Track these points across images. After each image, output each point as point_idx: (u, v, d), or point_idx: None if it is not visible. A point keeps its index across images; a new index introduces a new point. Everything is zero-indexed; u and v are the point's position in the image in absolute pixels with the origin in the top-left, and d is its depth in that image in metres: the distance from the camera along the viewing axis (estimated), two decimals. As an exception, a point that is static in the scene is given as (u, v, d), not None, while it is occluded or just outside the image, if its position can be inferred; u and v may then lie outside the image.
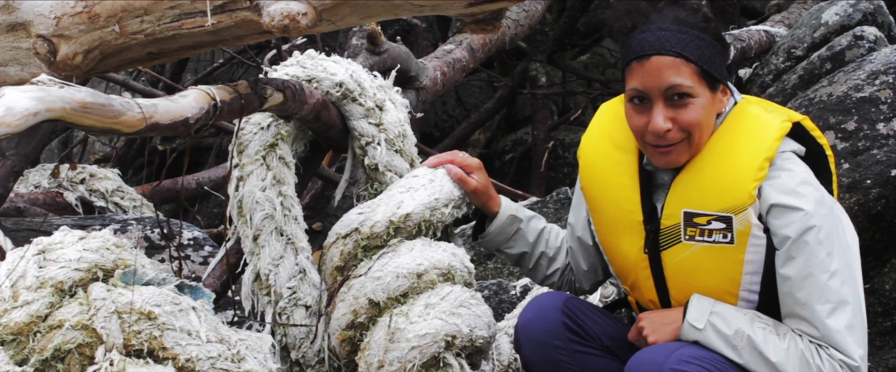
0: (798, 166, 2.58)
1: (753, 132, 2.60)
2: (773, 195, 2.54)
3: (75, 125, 2.29)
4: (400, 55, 4.50)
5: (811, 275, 2.53)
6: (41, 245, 2.61)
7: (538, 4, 6.14)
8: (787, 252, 2.55)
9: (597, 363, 2.84)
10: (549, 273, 3.06)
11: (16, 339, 2.49)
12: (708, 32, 2.59)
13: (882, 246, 3.57)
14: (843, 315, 2.53)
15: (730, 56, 2.64)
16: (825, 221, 2.53)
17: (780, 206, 2.54)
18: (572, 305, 2.85)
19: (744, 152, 2.58)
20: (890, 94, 3.66)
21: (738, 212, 2.56)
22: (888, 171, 3.51)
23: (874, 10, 4.41)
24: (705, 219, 2.60)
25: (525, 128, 7.71)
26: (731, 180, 2.58)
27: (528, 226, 3.04)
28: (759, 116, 2.63)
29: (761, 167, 2.55)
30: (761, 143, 2.57)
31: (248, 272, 3.09)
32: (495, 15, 2.68)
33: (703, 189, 2.62)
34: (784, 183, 2.55)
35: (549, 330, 2.81)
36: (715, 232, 2.60)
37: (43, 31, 2.81)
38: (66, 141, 7.60)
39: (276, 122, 3.14)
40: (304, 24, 2.55)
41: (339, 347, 2.98)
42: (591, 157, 2.84)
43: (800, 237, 2.52)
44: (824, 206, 2.55)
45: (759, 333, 2.56)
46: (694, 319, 2.60)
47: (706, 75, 2.58)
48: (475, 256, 4.73)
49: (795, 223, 2.52)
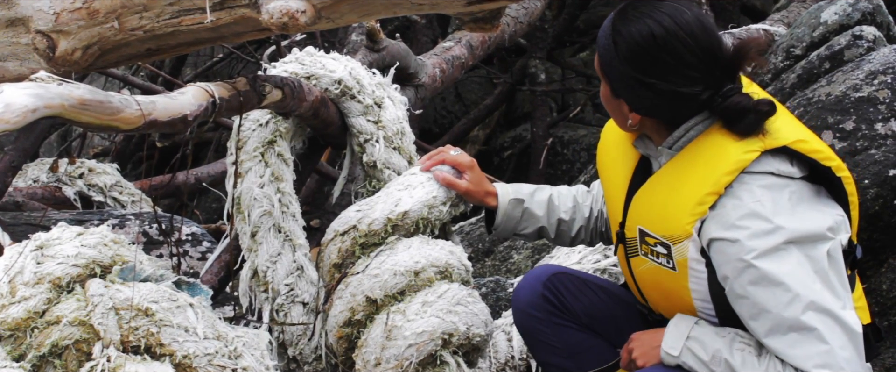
0: (753, 194, 2.43)
1: (708, 163, 2.47)
2: (712, 229, 2.43)
3: (74, 122, 2.30)
4: (399, 52, 4.50)
5: (764, 310, 2.41)
6: (39, 241, 2.61)
7: (538, 2, 6.14)
8: (732, 291, 2.45)
9: (574, 337, 2.90)
10: (574, 235, 3.05)
11: (13, 334, 2.49)
12: (618, 50, 2.50)
13: (879, 246, 3.57)
14: (808, 344, 2.39)
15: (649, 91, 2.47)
16: (767, 251, 2.39)
17: (718, 240, 2.43)
18: (557, 280, 2.92)
19: (691, 183, 2.48)
20: (888, 94, 3.66)
21: (676, 243, 2.50)
22: (886, 171, 3.51)
23: (873, 9, 4.41)
24: (653, 240, 2.56)
25: (524, 124, 7.71)
26: (673, 209, 2.50)
27: (534, 201, 3.02)
28: (721, 145, 2.48)
29: (702, 201, 2.44)
30: (710, 177, 2.45)
31: (246, 269, 3.09)
32: (494, 14, 2.68)
33: (651, 211, 2.58)
34: (726, 216, 2.42)
35: (530, 301, 2.92)
36: (660, 255, 2.55)
37: (42, 27, 2.81)
38: (65, 135, 7.60)
39: (274, 119, 3.14)
40: (302, 21, 2.55)
41: (337, 345, 2.99)
42: (606, 139, 2.85)
43: (741, 274, 2.41)
44: (770, 236, 2.39)
45: (737, 357, 2.47)
46: (669, 347, 2.55)
47: (603, 73, 2.57)
48: (473, 254, 4.74)
49: (732, 260, 2.41)
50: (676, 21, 2.45)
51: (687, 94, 2.46)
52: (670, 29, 2.44)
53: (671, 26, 2.43)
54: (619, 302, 2.95)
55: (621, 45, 2.48)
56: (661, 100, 2.49)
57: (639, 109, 2.55)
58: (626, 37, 2.47)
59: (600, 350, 2.92)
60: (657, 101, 2.50)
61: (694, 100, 2.48)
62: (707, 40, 2.46)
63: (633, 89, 2.51)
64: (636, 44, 2.46)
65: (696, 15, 2.48)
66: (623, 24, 2.49)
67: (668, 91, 2.46)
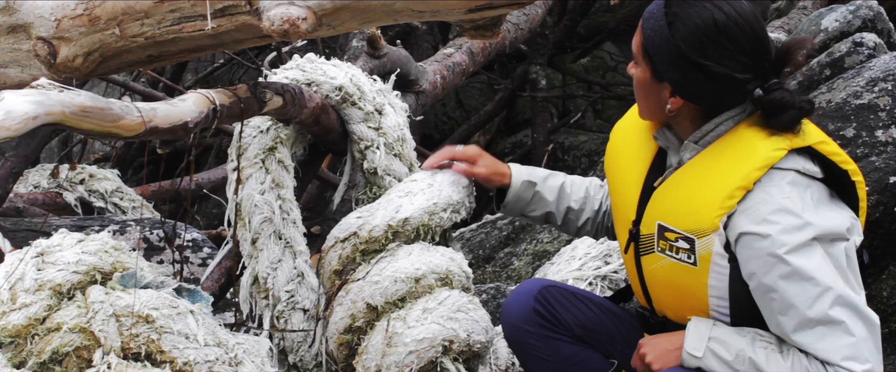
0: (782, 190, 2.48)
1: (737, 158, 2.52)
2: (742, 224, 2.48)
3: (74, 129, 2.30)
4: (400, 59, 4.50)
5: (792, 305, 2.45)
6: (40, 247, 2.61)
7: (538, 8, 6.14)
8: (760, 286, 2.48)
9: (567, 349, 2.90)
10: (581, 225, 3.06)
11: (14, 341, 2.49)
12: (675, 35, 2.55)
13: (880, 253, 3.57)
14: (835, 337, 2.44)
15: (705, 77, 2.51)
16: (797, 246, 2.44)
17: (747, 234, 2.47)
18: (548, 293, 2.92)
19: (720, 177, 2.52)
20: (889, 101, 3.66)
21: (701, 236, 2.52)
22: (887, 178, 3.51)
23: (874, 16, 4.41)
24: (674, 235, 2.58)
25: (525, 130, 7.72)
26: (699, 203, 2.54)
27: (546, 185, 3.03)
28: (750, 142, 2.54)
29: (731, 196, 2.48)
30: (739, 172, 2.49)
31: (247, 275, 3.09)
32: (495, 21, 2.68)
33: (676, 205, 2.60)
34: (756, 210, 2.47)
35: (521, 315, 2.91)
36: (681, 250, 2.57)
37: (43, 33, 2.82)
38: (66, 140, 7.61)
39: (275, 126, 3.14)
40: (303, 28, 2.55)
41: (337, 351, 2.99)
42: (616, 140, 2.87)
43: (772, 269, 2.45)
44: (800, 232, 2.44)
45: (761, 354, 2.50)
46: (692, 348, 2.56)
47: (647, 56, 2.59)
48: (473, 260, 4.74)
49: (762, 254, 2.45)
50: (736, 9, 2.52)
51: (738, 80, 2.52)
52: (731, 15, 2.51)
53: (731, 13, 2.50)
54: (610, 313, 2.96)
55: (679, 26, 2.52)
56: (711, 83, 2.54)
57: (685, 93, 2.58)
58: (685, 19, 2.52)
59: (594, 362, 2.93)
60: (707, 85, 2.54)
61: (742, 87, 2.53)
62: (762, 32, 2.54)
63: (684, 71, 2.54)
64: (696, 26, 2.51)
65: (751, 7, 2.55)
66: (680, 7, 2.54)
67: (722, 74, 2.51)
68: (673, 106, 2.60)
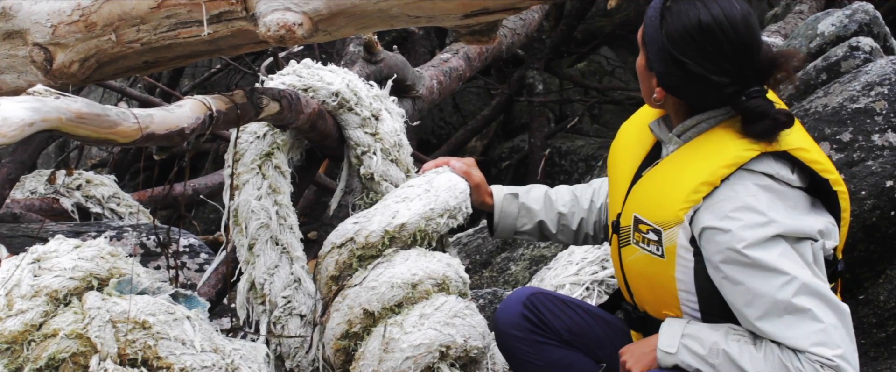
0: (748, 189, 2.51)
1: (708, 155, 2.57)
2: (705, 218, 2.51)
3: (71, 135, 2.30)
4: (396, 64, 4.49)
5: (757, 295, 2.47)
6: (36, 254, 2.61)
7: (535, 13, 6.15)
8: (724, 279, 2.51)
9: (555, 353, 2.95)
10: (577, 228, 3.09)
11: (10, 347, 2.49)
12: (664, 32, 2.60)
13: (877, 257, 3.57)
14: (803, 324, 2.45)
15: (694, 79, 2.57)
16: (757, 241, 2.46)
17: (709, 229, 2.50)
18: (536, 299, 2.97)
19: (689, 172, 2.57)
20: (885, 105, 3.66)
21: (666, 228, 2.57)
22: (883, 182, 3.51)
23: (870, 20, 4.41)
24: (646, 227, 2.62)
25: (522, 135, 7.72)
26: (668, 196, 2.58)
27: (529, 196, 3.08)
28: (723, 141, 2.58)
29: (697, 190, 2.52)
30: (707, 168, 2.53)
31: (243, 281, 3.09)
32: (491, 26, 2.69)
33: (649, 198, 2.65)
34: (720, 206, 2.50)
35: (511, 322, 2.96)
36: (651, 242, 2.61)
37: (39, 39, 2.82)
38: (63, 146, 7.60)
39: (272, 132, 3.14)
40: (299, 34, 2.56)
41: (334, 357, 2.99)
42: (621, 135, 2.91)
43: (731, 263, 2.48)
44: (763, 228, 2.47)
45: (734, 346, 2.52)
46: (666, 345, 2.60)
47: (643, 43, 2.65)
48: (470, 266, 4.74)
49: (723, 248, 2.49)
50: (725, 13, 2.55)
51: (714, 83, 2.55)
52: (718, 18, 2.54)
53: (719, 16, 2.54)
54: (598, 318, 3.00)
55: (668, 20, 2.58)
56: (688, 81, 2.59)
57: (665, 85, 2.64)
58: (675, 15, 2.57)
59: (582, 365, 2.97)
60: (685, 81, 2.59)
61: (719, 90, 2.57)
62: (748, 38, 2.56)
63: (666, 64, 2.60)
64: (682, 24, 2.56)
65: (745, 13, 2.57)
66: (676, 2, 2.60)
67: (698, 74, 2.56)
68: (658, 96, 2.66)
